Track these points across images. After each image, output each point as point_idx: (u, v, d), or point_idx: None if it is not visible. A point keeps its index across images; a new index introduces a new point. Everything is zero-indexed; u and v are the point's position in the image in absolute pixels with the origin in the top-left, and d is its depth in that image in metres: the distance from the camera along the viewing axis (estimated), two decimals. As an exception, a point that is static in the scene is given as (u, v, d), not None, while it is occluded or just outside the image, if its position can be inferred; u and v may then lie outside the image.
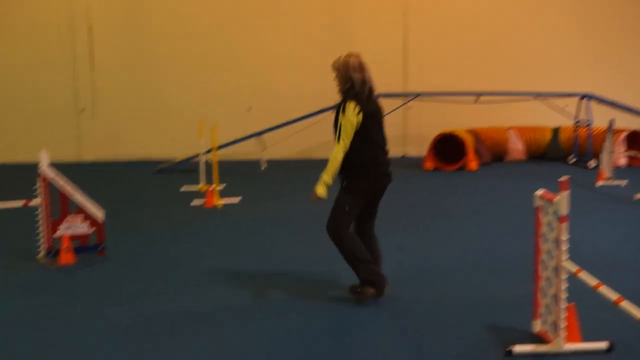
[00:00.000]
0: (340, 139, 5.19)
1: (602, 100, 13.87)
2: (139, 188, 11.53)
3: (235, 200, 9.79)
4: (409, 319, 4.96)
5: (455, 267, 6.37)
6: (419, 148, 15.09)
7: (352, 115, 5.14)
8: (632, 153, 12.31)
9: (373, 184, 5.35)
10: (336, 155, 5.20)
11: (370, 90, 5.30)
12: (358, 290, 5.36)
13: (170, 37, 15.23)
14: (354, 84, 5.22)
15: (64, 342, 4.58)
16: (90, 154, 15.29)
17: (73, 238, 6.61)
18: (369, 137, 5.27)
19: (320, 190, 5.24)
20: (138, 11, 15.24)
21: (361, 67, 5.26)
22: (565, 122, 14.56)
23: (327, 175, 5.23)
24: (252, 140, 14.03)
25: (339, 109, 5.24)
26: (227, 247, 7.25)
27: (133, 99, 15.25)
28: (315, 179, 5.29)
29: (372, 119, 5.27)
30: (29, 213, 6.87)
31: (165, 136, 15.27)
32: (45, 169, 6.52)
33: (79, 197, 6.67)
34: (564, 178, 4.12)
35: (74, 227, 6.63)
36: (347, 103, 5.18)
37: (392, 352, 4.37)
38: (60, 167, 7.13)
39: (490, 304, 5.28)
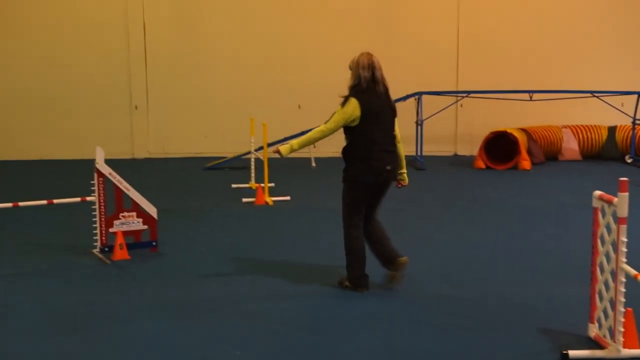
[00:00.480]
0: (328, 122, 5.48)
1: (661, 99, 13.50)
2: (191, 185, 11.66)
3: (285, 197, 9.83)
4: (457, 318, 4.90)
5: (505, 266, 6.29)
6: (470, 147, 14.92)
7: (349, 109, 5.36)
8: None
9: (365, 177, 5.46)
10: (315, 132, 5.56)
11: (383, 89, 5.49)
12: (340, 281, 5.71)
13: (222, 35, 15.37)
14: (361, 82, 5.42)
15: (117, 336, 4.66)
16: (142, 150, 15.53)
17: (127, 234, 6.72)
18: (367, 133, 5.41)
19: (283, 149, 5.55)
20: (191, 8, 15.41)
21: (370, 66, 5.45)
22: (622, 120, 14.22)
23: (297, 142, 5.57)
24: (302, 138, 14.05)
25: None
26: (278, 243, 7.28)
27: (185, 96, 15.43)
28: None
29: (374, 116, 5.40)
30: (83, 208, 7.01)
31: (216, 133, 15.42)
32: (101, 165, 6.64)
33: (134, 194, 6.77)
34: (623, 178, 4.01)
35: (129, 223, 6.74)
36: (350, 98, 5.41)
37: (438, 352, 4.32)
38: (113, 163, 7.25)
39: (541, 304, 5.19)
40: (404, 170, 5.81)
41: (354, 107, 5.35)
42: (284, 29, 15.44)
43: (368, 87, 5.43)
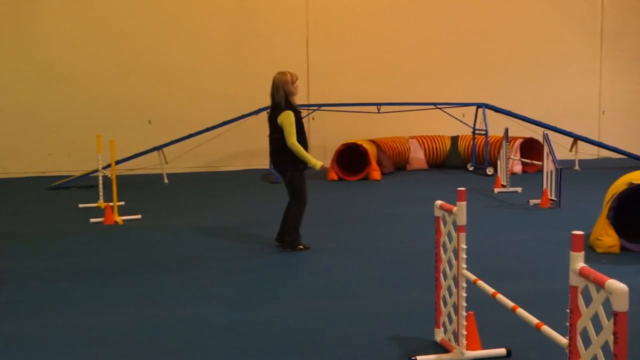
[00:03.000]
0: None
1: (496, 110, 14.39)
2: (34, 206, 11.06)
3: (136, 216, 9.52)
4: (308, 331, 4.92)
5: (357, 275, 6.40)
6: (322, 159, 15.12)
7: None
8: (526, 160, 12.78)
9: None
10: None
11: (271, 103, 7.42)
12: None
13: (65, 49, 14.75)
14: None
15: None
16: (-20, 170, 14.58)
17: (-40, 262, 6.24)
18: None
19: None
20: (31, 21, 14.67)
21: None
22: (463, 131, 15.02)
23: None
24: (154, 153, 13.74)
25: None
26: (127, 263, 7.02)
27: (26, 112, 14.66)
28: (218, 191, 5.17)
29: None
30: None
31: (61, 151, 14.75)
32: None
33: (-34, 219, 6.31)
34: (461, 189, 4.20)
35: (-39, 250, 6.26)
36: None
37: (297, 368, 4.32)
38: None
39: (389, 312, 5.32)
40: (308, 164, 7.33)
41: None
42: (132, 39, 15.06)
43: None
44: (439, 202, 4.51)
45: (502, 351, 4.34)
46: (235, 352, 4.58)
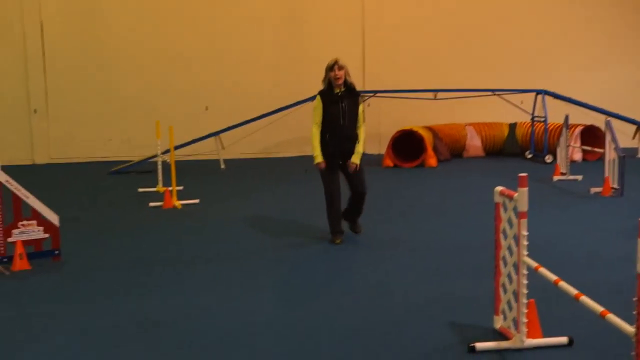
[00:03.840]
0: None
1: (556, 96, 14.08)
2: (95, 190, 11.32)
3: (194, 200, 9.66)
4: (369, 318, 4.93)
5: (412, 264, 6.38)
6: (377, 146, 15.12)
7: None
8: (587, 148, 12.50)
9: None
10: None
11: None
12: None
13: (125, 36, 15.01)
14: None
15: (17, 351, 4.45)
16: (43, 156, 14.98)
17: (27, 243, 6.44)
18: None
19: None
20: (91, 9, 14.98)
21: None
22: (521, 117, 14.75)
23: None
24: (211, 139, 13.91)
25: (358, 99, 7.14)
26: (185, 248, 7.15)
27: (87, 99, 14.99)
28: (274, 178, 5.21)
29: None
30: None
31: (121, 137, 15.05)
32: (-3, 172, 6.33)
33: (33, 201, 6.50)
34: (522, 174, 4.13)
35: (28, 232, 6.46)
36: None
37: (348, 352, 4.32)
38: (12, 170, 6.95)
39: (451, 300, 5.29)
40: None
41: None
42: (188, 28, 15.24)
43: None
44: (499, 188, 4.45)
45: (563, 339, 4.27)
46: (287, 340, 4.61)
